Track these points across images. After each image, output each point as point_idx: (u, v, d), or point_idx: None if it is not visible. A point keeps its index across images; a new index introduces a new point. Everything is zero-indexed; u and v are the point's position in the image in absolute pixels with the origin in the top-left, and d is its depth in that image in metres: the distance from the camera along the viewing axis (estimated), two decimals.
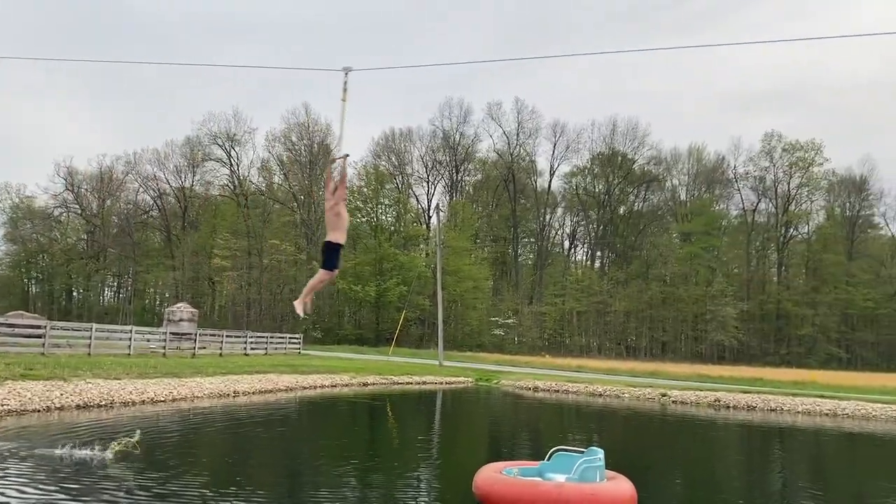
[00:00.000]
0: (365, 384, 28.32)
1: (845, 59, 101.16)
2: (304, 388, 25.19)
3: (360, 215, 69.49)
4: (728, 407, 27.61)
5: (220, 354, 32.61)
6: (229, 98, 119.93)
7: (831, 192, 75.17)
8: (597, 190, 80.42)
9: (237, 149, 71.18)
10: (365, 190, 69.13)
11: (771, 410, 26.98)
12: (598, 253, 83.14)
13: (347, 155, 8.47)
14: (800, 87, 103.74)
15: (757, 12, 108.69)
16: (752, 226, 76.73)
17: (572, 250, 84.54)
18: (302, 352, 42.47)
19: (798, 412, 26.61)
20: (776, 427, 22.99)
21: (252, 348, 36.86)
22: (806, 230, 76.91)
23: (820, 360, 64.53)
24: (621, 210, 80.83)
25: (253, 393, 22.25)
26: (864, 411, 26.36)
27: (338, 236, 8.22)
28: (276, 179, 74.53)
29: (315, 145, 70.50)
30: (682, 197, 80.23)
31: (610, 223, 79.58)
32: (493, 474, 8.58)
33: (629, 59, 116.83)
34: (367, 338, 60.82)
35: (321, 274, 8.29)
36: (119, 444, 10.73)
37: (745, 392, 29.88)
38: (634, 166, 78.70)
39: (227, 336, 35.86)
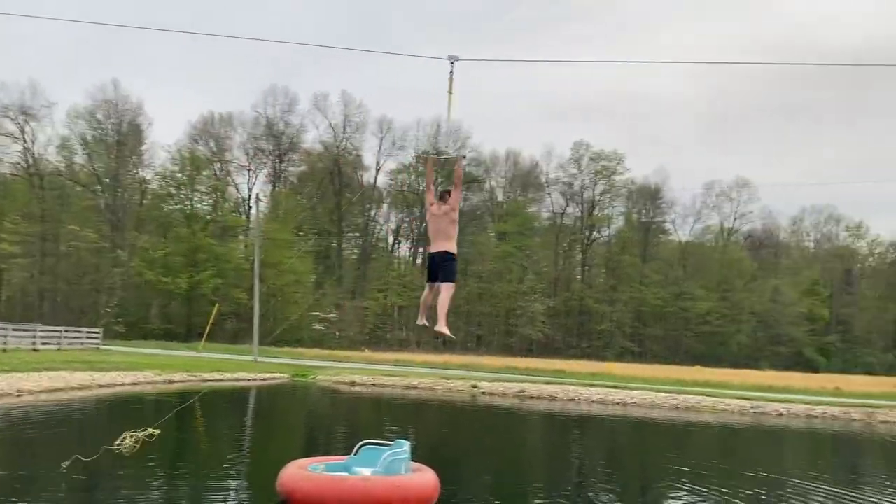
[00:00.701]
0: (171, 382, 26.83)
1: (647, 77, 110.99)
2: (102, 386, 23.41)
3: (172, 202, 65.59)
4: (532, 397, 29.36)
5: (4, 350, 29.45)
6: (28, 67, 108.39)
7: (630, 199, 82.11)
8: (420, 188, 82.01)
9: (32, 124, 64.47)
10: (179, 175, 65.38)
11: (570, 400, 29.04)
12: (421, 249, 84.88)
13: (464, 157, 8.49)
14: (606, 99, 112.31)
15: (571, 29, 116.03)
16: (560, 228, 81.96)
17: (396, 246, 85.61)
18: (102, 347, 39.39)
19: (593, 401, 28.87)
20: (575, 415, 24.79)
21: (43, 343, 33.63)
22: (607, 233, 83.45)
23: (616, 353, 70.35)
24: None
25: (41, 392, 20.33)
26: (649, 400, 29.13)
27: (453, 246, 7.86)
28: (77, 160, 68.39)
29: (124, 124, 65.58)
30: (500, 198, 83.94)
31: None
32: (298, 471, 8.49)
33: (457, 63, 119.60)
34: (176, 333, 57.58)
35: (448, 289, 7.83)
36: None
37: (548, 383, 31.92)
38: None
39: (12, 330, 32.45)
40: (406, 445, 9.06)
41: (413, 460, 9.22)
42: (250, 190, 73.58)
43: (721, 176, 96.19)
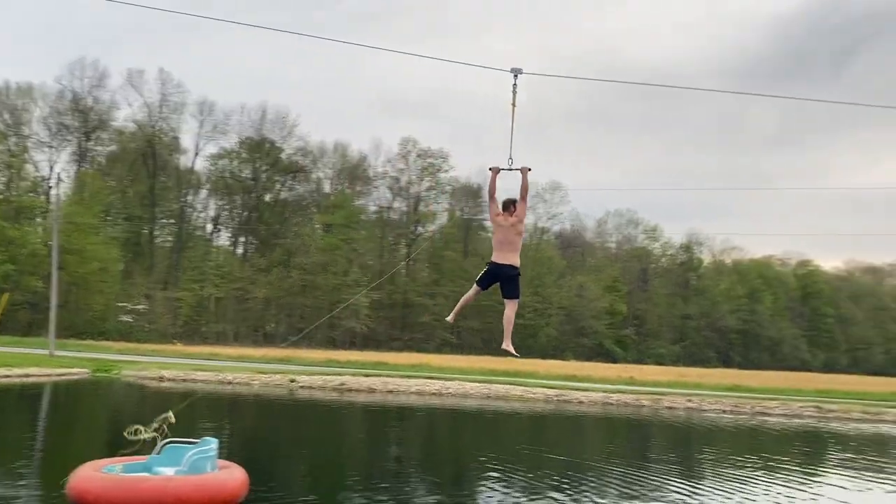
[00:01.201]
0: None
1: (471, 79, 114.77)
2: None
3: None
4: (352, 390, 29.46)
5: None
6: None
7: (453, 197, 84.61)
8: (243, 175, 79.13)
9: None
10: None
11: (389, 392, 29.49)
12: (242, 238, 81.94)
13: (530, 169, 7.71)
14: (433, 98, 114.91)
15: (404, 23, 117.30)
16: (386, 222, 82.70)
17: (215, 234, 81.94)
18: None
19: (411, 392, 29.53)
20: (393, 407, 25.21)
21: None
22: (432, 229, 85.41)
23: (436, 345, 72.32)
24: (267, 197, 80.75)
25: None
26: (463, 390, 30.30)
27: (518, 259, 7.69)
28: None
29: None
30: (326, 189, 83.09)
31: (255, 209, 78.96)
32: (92, 473, 7.98)
33: (287, 46, 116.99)
34: None
35: (515, 305, 7.77)
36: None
37: (368, 376, 32.20)
38: (282, 155, 79.21)
39: None
40: (214, 443, 8.80)
41: (223, 457, 8.98)
42: (51, 169, 67.21)
43: (537, 178, 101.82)
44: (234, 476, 8.53)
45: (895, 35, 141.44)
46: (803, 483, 14.23)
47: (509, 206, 8.06)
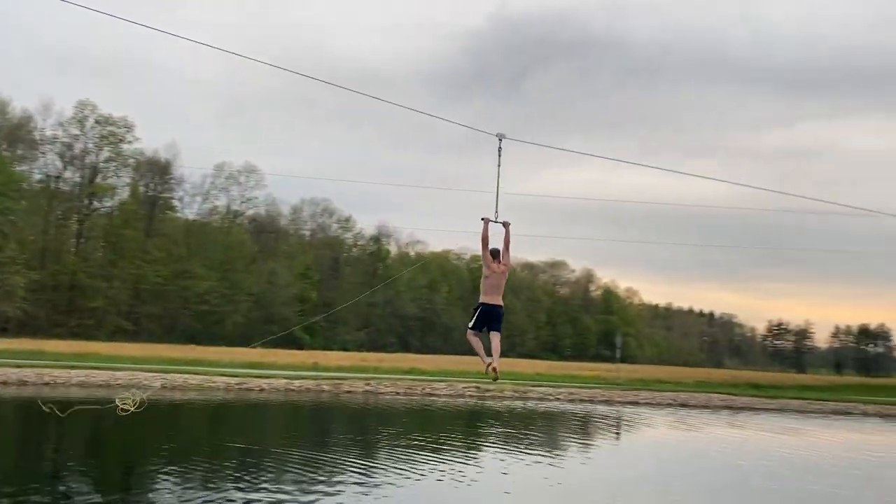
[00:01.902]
0: None
1: (162, 47, 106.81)
2: None
3: None
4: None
5: None
6: None
7: (137, 171, 78.00)
8: None
9: None
10: None
11: (45, 384, 26.38)
12: None
13: (510, 223, 8.89)
14: (118, 60, 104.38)
15: None
16: (54, 193, 73.31)
17: None
18: None
19: (73, 385, 26.74)
20: (51, 400, 22.59)
21: None
22: (110, 204, 77.80)
23: (108, 332, 66.08)
24: None
25: None
26: (136, 380, 28.15)
27: (502, 299, 8.80)
28: None
29: None
30: None
31: None
32: None
33: None
34: None
35: (498, 336, 8.77)
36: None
37: (20, 366, 28.40)
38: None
39: None
40: None
41: None
42: None
43: (233, 159, 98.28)
44: None
45: (562, 61, 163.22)
46: (468, 455, 15.94)
47: (497, 255, 8.87)
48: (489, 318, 8.99)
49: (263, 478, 11.97)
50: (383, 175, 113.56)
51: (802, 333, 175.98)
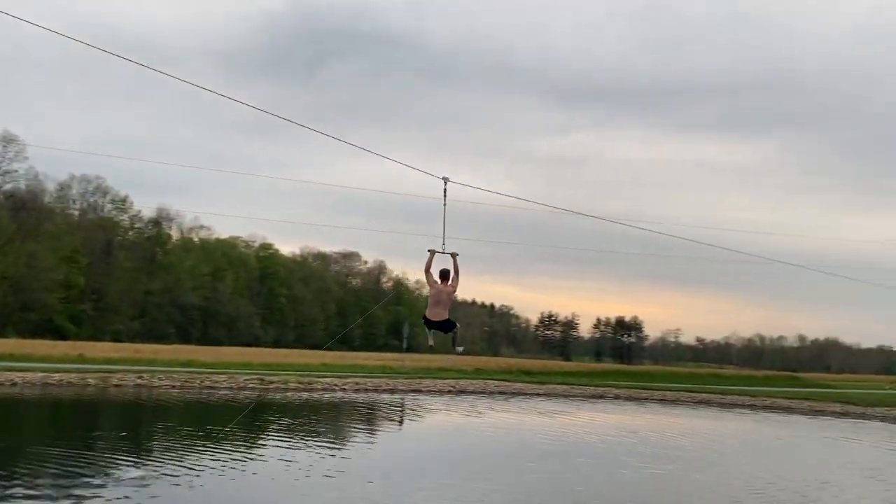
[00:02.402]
0: None
1: None
2: None
3: None
4: None
5: None
6: None
7: None
8: None
9: None
10: None
11: None
12: None
13: (457, 254, 10.24)
14: None
15: None
16: None
17: None
18: None
19: None
20: None
21: None
22: None
23: None
24: None
25: None
26: None
27: (447, 314, 10.29)
28: None
29: None
30: None
31: None
32: None
33: None
34: None
35: (454, 332, 10.56)
36: None
37: None
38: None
39: None
40: None
41: None
42: None
43: None
44: None
45: (360, 53, 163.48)
46: (250, 447, 15.62)
47: (447, 275, 10.20)
48: (438, 328, 10.41)
49: (17, 480, 10.91)
50: (166, 155, 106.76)
51: (569, 324, 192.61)
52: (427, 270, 10.40)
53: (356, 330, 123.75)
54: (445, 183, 10.55)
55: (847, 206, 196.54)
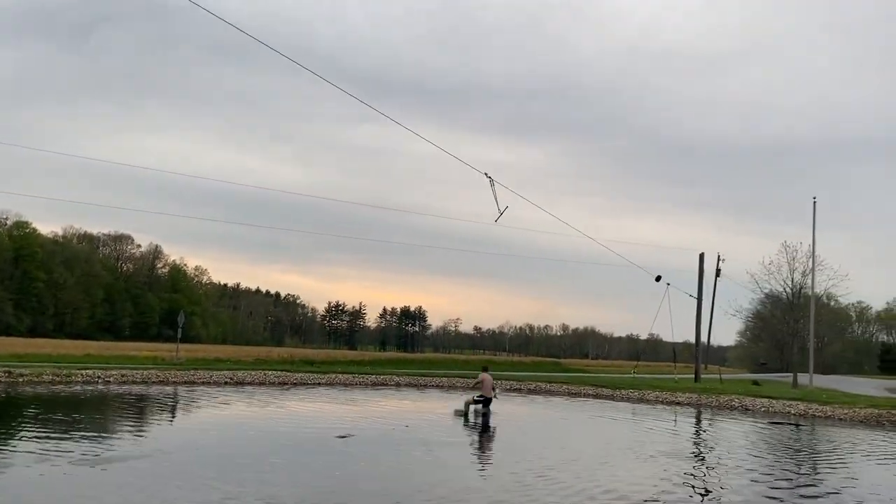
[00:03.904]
0: None
1: None
2: None
3: None
4: None
5: None
6: None
7: None
8: None
9: None
10: None
11: None
12: None
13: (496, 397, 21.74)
14: None
15: None
16: None
17: None
18: None
19: None
20: None
21: None
22: None
23: None
24: None
25: None
26: None
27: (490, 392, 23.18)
28: None
29: None
30: None
31: None
32: None
33: None
34: None
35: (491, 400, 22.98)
36: None
37: None
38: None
39: None
40: None
41: None
42: None
43: None
44: None
45: (144, 21, 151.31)
46: None
47: (487, 368, 21.04)
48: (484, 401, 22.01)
49: None
50: None
51: (356, 314, 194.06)
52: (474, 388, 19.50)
53: (126, 318, 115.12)
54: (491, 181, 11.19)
55: (607, 209, 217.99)
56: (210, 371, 35.64)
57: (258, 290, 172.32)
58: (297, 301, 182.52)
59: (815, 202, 44.34)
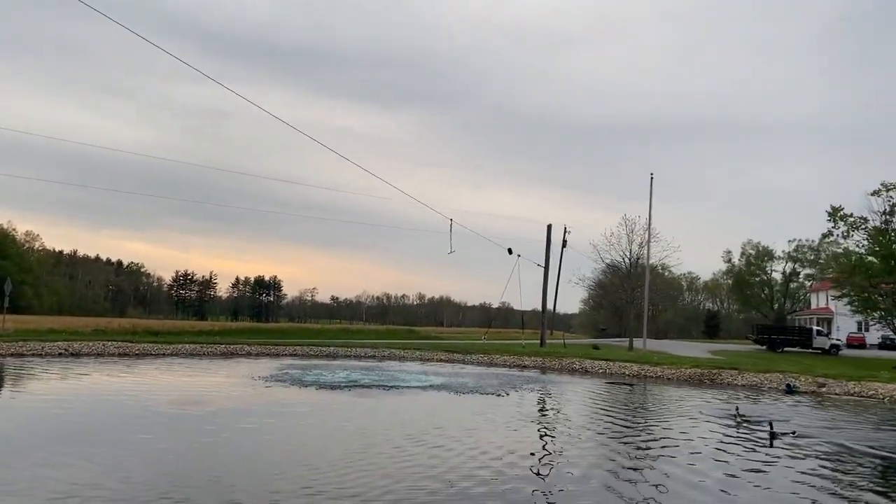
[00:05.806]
0: None
1: None
2: None
3: None
4: None
5: None
6: None
7: None
8: None
9: None
10: None
11: None
12: None
13: None
14: None
15: None
16: None
17: None
18: None
19: None
20: None
21: None
22: None
23: None
24: None
25: None
26: None
27: None
28: None
29: None
30: None
31: None
32: None
33: None
34: None
35: None
36: None
37: None
38: None
39: None
40: None
41: None
42: None
43: None
44: None
45: None
46: None
47: None
48: None
49: None
50: None
51: (207, 283, 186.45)
52: None
53: None
54: (450, 221, 11.56)
55: (464, 181, 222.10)
56: (42, 342, 33.08)
57: (98, 258, 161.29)
58: (142, 269, 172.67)
59: (651, 178, 47.35)
